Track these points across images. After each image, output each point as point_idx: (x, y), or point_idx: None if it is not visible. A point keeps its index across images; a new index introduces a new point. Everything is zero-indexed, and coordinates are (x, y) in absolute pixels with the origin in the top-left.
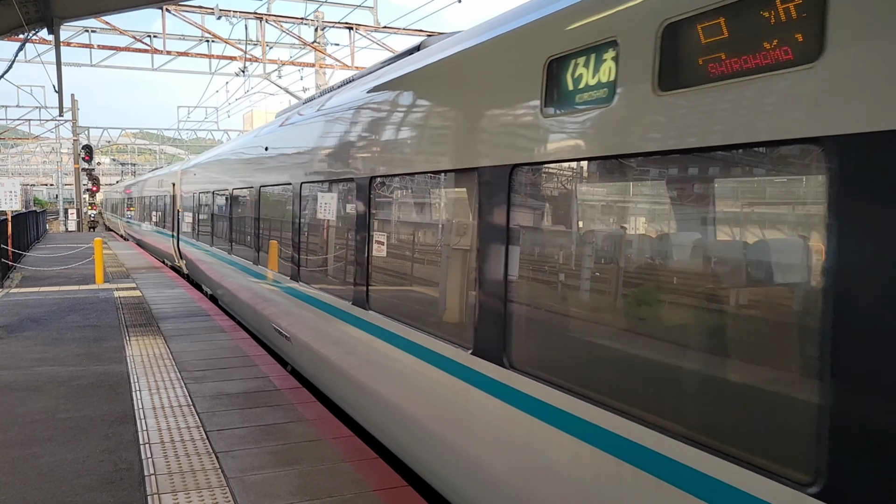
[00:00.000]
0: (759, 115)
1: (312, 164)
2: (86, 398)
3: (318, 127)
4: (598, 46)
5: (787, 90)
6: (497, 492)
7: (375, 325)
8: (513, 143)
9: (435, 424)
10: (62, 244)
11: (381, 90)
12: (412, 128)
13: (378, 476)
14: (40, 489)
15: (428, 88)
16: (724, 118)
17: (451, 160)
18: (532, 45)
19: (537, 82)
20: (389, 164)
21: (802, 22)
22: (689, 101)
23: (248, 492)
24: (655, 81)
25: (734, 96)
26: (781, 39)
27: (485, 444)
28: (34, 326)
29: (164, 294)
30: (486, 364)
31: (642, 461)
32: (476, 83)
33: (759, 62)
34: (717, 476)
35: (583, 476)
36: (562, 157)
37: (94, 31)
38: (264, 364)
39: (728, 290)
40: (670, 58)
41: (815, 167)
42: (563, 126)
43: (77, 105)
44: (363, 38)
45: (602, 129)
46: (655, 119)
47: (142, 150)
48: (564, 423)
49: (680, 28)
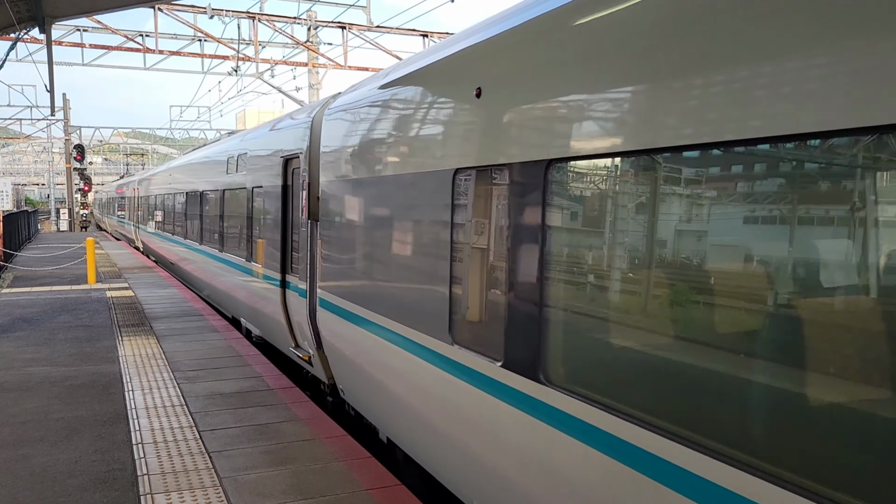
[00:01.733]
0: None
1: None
2: (78, 398)
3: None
4: None
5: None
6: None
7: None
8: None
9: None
10: (54, 244)
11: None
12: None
13: (371, 475)
14: (32, 490)
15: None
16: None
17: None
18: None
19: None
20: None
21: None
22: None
23: (241, 491)
24: None
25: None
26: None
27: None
28: (26, 327)
29: (156, 294)
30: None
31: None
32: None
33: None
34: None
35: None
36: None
37: (86, 30)
38: (257, 364)
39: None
40: None
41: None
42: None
43: (69, 104)
44: (356, 37)
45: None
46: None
47: (134, 150)
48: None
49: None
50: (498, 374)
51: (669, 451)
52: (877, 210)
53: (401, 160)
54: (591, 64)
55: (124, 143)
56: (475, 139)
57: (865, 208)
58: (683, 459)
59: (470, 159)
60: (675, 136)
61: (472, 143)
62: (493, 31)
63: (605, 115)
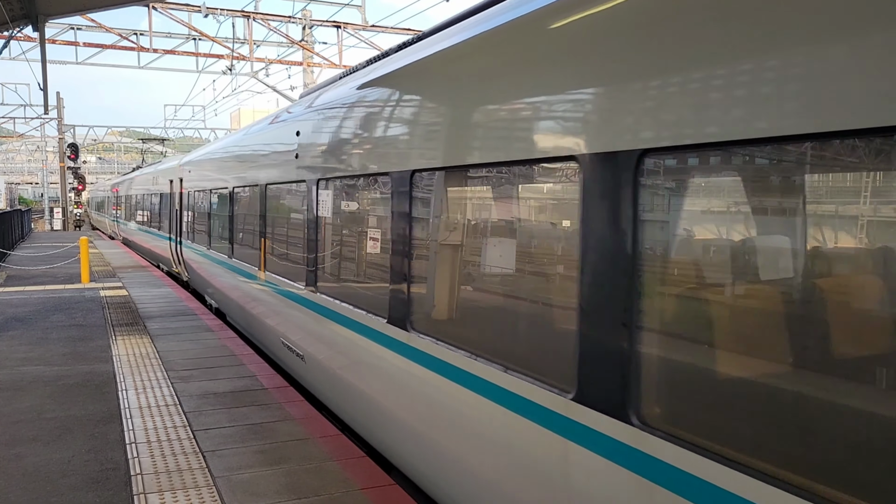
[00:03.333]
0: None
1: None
2: (71, 398)
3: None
4: None
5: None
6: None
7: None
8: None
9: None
10: (47, 243)
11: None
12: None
13: (365, 475)
14: (25, 489)
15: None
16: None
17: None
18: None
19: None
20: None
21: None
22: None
23: (234, 491)
24: None
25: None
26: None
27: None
28: (19, 326)
29: (150, 293)
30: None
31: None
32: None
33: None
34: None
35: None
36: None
37: (80, 28)
38: (251, 363)
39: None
40: None
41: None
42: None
43: (62, 103)
44: (351, 36)
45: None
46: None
47: (128, 149)
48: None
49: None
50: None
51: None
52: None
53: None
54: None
55: (118, 141)
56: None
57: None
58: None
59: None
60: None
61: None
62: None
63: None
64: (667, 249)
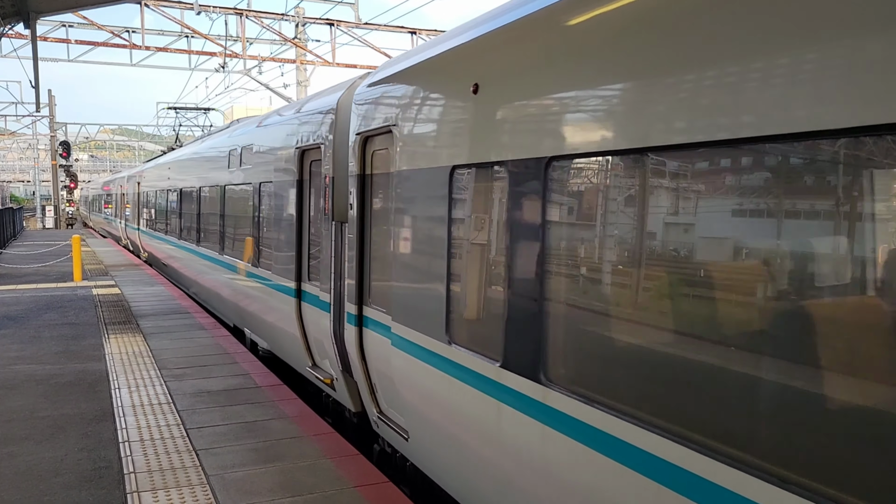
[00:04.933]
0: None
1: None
2: (64, 396)
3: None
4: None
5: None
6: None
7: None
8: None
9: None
10: (39, 241)
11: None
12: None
13: (359, 472)
14: (18, 488)
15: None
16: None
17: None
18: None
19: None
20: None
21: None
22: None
23: (228, 489)
24: None
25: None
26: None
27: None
28: (11, 325)
29: (143, 291)
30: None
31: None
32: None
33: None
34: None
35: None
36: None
37: (72, 25)
38: (245, 361)
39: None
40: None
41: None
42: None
43: (54, 101)
44: (344, 34)
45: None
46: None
47: (120, 147)
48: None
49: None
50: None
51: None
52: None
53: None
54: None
55: (111, 139)
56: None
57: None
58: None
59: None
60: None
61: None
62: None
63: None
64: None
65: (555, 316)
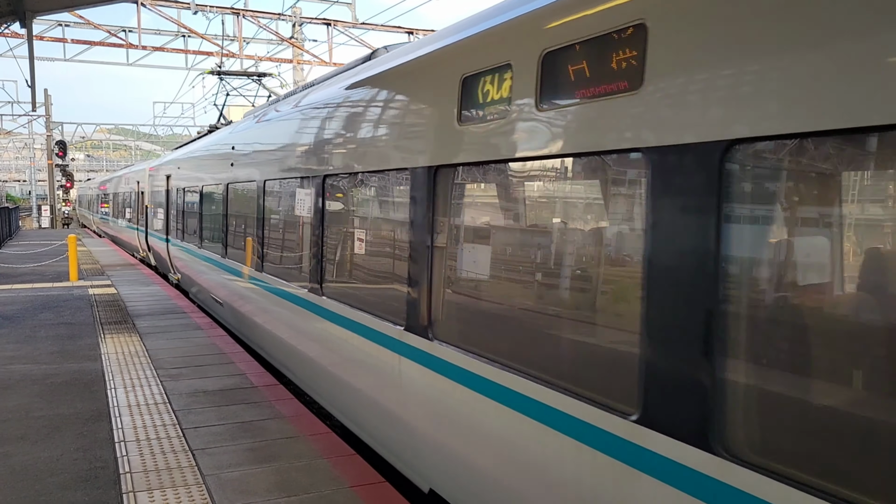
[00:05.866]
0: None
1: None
2: (60, 396)
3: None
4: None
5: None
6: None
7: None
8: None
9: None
10: (35, 241)
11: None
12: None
13: (355, 472)
14: (13, 488)
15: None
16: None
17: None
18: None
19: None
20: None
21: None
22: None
23: (224, 489)
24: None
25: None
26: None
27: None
28: (6, 324)
29: (139, 291)
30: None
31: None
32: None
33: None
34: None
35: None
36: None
37: (68, 25)
38: (241, 361)
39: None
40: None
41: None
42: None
43: (50, 100)
44: (341, 34)
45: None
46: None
47: (116, 146)
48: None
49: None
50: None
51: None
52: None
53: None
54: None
55: (107, 139)
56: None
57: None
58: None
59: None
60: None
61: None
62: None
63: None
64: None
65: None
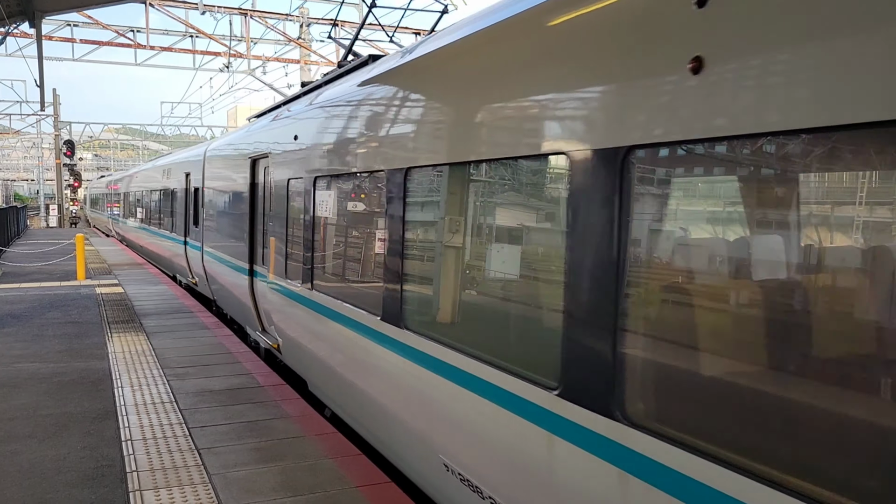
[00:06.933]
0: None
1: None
2: (67, 395)
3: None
4: None
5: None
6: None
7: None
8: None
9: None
10: (43, 240)
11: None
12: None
13: (361, 472)
14: (21, 486)
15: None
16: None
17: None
18: None
19: None
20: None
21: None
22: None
23: (230, 488)
24: None
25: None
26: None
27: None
28: (14, 323)
29: (146, 290)
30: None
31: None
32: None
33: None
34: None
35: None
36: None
37: (77, 25)
38: (247, 361)
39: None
40: None
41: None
42: None
43: (59, 100)
44: (348, 34)
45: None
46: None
47: (124, 146)
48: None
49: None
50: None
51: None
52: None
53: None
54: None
55: (115, 139)
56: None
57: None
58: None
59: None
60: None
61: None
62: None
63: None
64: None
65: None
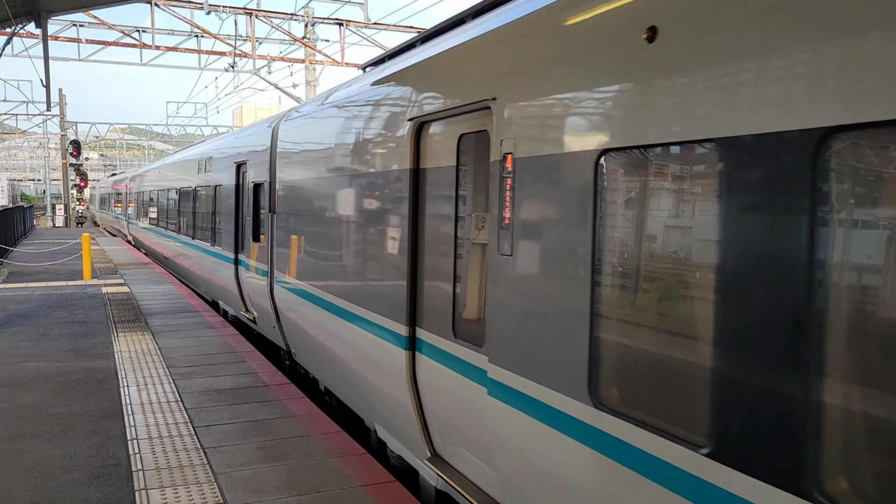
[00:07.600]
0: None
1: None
2: (73, 394)
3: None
4: None
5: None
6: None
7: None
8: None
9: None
10: (49, 240)
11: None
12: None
13: (366, 471)
14: (27, 485)
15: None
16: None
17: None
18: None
19: None
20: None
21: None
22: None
23: (235, 487)
24: None
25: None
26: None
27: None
28: (21, 322)
29: (152, 290)
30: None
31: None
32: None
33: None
34: None
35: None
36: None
37: (83, 25)
38: (253, 360)
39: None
40: None
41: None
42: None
43: (65, 100)
44: (353, 34)
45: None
46: None
47: (129, 146)
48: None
49: None
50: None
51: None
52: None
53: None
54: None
55: (120, 138)
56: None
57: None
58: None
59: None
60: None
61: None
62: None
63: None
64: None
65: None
